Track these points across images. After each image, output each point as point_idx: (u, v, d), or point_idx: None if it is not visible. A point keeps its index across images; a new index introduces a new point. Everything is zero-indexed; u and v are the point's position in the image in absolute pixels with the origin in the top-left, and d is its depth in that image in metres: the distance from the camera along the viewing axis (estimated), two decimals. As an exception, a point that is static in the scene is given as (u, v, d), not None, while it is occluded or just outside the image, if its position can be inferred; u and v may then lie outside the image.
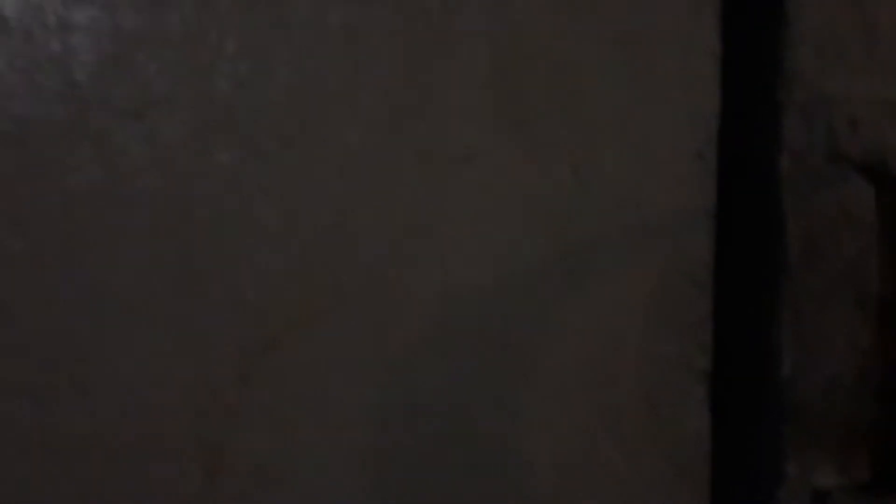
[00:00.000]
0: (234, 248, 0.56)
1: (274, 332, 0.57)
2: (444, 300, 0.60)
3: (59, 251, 0.55)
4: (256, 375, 0.57)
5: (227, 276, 0.56)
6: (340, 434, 0.58)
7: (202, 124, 0.56)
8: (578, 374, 0.62)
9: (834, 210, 0.65)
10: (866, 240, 0.65)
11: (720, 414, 0.65)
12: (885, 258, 0.63)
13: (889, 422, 0.62)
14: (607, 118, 0.63)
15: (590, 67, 0.62)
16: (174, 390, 0.56)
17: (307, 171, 0.58)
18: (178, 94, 0.56)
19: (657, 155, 0.64)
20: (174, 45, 0.56)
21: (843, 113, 0.64)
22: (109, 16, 0.55)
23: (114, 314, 0.55)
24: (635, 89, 0.63)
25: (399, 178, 0.59)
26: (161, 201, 0.56)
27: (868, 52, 0.66)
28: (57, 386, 0.54)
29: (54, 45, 0.55)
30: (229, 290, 0.56)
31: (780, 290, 0.64)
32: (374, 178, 0.58)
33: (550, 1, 0.61)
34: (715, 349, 0.65)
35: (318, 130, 0.58)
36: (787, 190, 0.64)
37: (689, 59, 0.64)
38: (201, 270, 0.56)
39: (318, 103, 0.58)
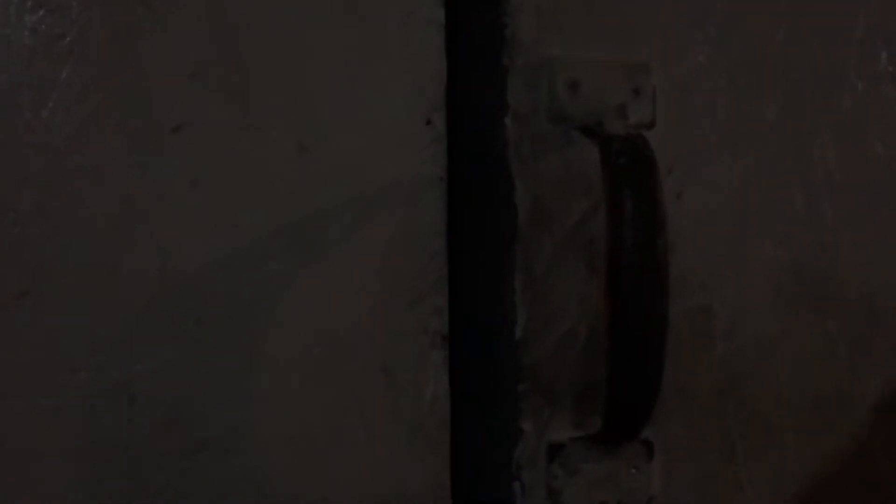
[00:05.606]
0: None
1: (-29, 318, 0.51)
2: (161, 280, 0.54)
3: None
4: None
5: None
6: (52, 423, 0.52)
7: None
8: (312, 348, 0.58)
9: (561, 171, 0.63)
10: (593, 199, 0.63)
11: (459, 377, 0.62)
12: (611, 217, 0.62)
13: (621, 375, 0.60)
14: (332, 90, 0.58)
15: (312, 38, 0.58)
16: None
17: (6, 153, 0.51)
18: None
19: (385, 124, 0.60)
20: None
21: (564, 76, 0.62)
22: None
23: None
24: (359, 60, 0.59)
25: (108, 155, 0.53)
26: None
27: (587, 19, 0.64)
28: None
29: None
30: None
31: (513, 252, 0.62)
32: (75, 149, 0.52)
33: (267, -31, 0.57)
34: (451, 314, 0.62)
35: (12, 100, 0.51)
36: (513, 153, 0.62)
37: (413, 30, 0.60)
38: None
39: (8, 71, 0.51)
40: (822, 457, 0.70)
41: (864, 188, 0.70)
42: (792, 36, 0.70)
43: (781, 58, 0.69)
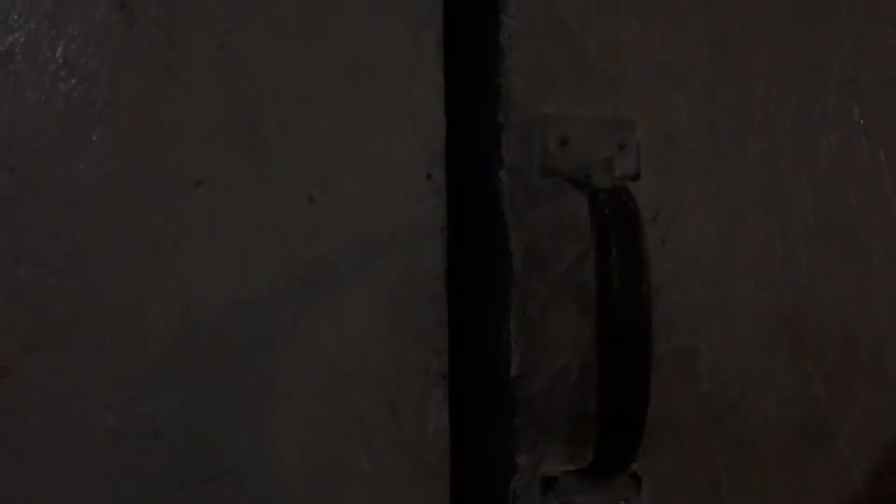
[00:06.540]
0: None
1: (4, 360, 0.54)
2: (182, 321, 0.58)
3: None
4: (-13, 404, 0.54)
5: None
6: (79, 459, 0.56)
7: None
8: (321, 385, 0.62)
9: (552, 221, 0.67)
10: (583, 246, 0.67)
11: (460, 413, 0.66)
12: (599, 263, 0.66)
13: (610, 411, 0.64)
14: (340, 144, 0.63)
15: (320, 95, 0.62)
16: None
17: (33, 201, 0.55)
18: None
19: (389, 177, 0.64)
20: None
21: (555, 133, 0.66)
22: None
23: None
24: (365, 118, 0.64)
25: (135, 209, 0.57)
26: None
27: (576, 79, 0.68)
28: None
29: None
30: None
31: (508, 296, 0.66)
32: (105, 204, 0.57)
33: (279, 30, 0.61)
34: (452, 353, 0.66)
35: (46, 161, 0.56)
36: (508, 204, 0.66)
37: (414, 89, 0.65)
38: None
39: (44, 134, 0.56)
40: (804, 488, 0.73)
41: (839, 235, 0.74)
42: (770, 91, 0.74)
43: (760, 112, 0.73)
